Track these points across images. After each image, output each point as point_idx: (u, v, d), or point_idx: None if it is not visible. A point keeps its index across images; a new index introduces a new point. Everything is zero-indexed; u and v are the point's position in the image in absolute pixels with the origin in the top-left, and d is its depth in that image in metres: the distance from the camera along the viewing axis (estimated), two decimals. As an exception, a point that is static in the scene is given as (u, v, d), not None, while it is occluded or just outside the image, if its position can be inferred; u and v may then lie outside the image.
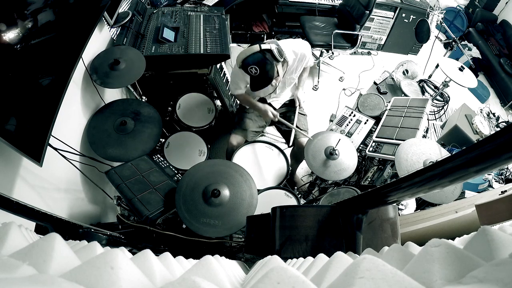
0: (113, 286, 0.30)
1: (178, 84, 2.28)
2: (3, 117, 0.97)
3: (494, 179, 2.30)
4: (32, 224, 0.87)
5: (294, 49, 1.73)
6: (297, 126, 1.98)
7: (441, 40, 4.58)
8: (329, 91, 3.44)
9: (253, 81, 1.58)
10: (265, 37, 3.49)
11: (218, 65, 2.31)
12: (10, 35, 0.99)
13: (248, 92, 1.86)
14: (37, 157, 1.08)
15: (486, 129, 2.75)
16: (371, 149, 1.95)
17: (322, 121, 2.94)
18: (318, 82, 3.42)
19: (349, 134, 2.18)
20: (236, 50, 1.94)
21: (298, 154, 2.01)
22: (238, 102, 2.50)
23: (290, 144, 1.88)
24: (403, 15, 3.56)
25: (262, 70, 1.52)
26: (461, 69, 2.46)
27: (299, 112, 2.03)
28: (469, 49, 4.24)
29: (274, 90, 1.88)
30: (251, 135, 1.99)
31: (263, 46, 1.52)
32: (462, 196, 1.90)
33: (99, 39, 1.90)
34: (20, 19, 1.03)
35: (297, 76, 1.92)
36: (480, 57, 4.27)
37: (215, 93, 2.40)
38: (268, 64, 1.52)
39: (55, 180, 1.41)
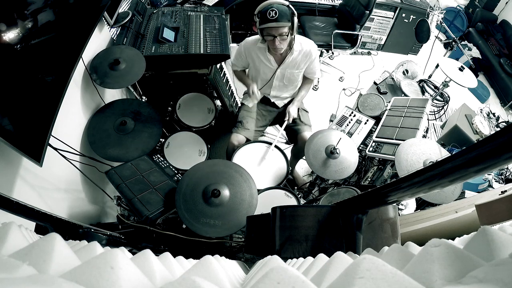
0: (113, 286, 0.30)
1: (178, 84, 2.28)
2: (3, 117, 0.97)
3: (494, 179, 2.30)
4: (32, 224, 0.87)
5: (301, 41, 1.78)
6: (301, 120, 2.00)
7: (441, 40, 4.58)
8: (329, 91, 3.44)
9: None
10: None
11: (218, 65, 2.31)
12: (10, 35, 0.99)
13: (249, 76, 1.98)
14: (37, 157, 1.08)
15: (486, 129, 2.75)
16: (371, 149, 1.95)
17: (322, 121, 2.94)
18: (318, 82, 3.42)
19: (349, 134, 2.17)
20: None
21: (301, 149, 2.00)
22: (238, 101, 2.50)
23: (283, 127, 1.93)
24: (403, 15, 3.56)
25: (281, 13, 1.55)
26: (461, 69, 2.46)
27: (302, 109, 2.03)
28: (469, 49, 4.24)
29: (272, 77, 1.88)
30: (253, 134, 1.99)
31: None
32: (462, 196, 1.89)
33: (99, 39, 1.90)
34: (20, 19, 1.03)
35: (298, 76, 1.91)
36: (480, 57, 4.27)
37: (215, 93, 2.40)
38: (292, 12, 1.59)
39: (55, 180, 1.41)
